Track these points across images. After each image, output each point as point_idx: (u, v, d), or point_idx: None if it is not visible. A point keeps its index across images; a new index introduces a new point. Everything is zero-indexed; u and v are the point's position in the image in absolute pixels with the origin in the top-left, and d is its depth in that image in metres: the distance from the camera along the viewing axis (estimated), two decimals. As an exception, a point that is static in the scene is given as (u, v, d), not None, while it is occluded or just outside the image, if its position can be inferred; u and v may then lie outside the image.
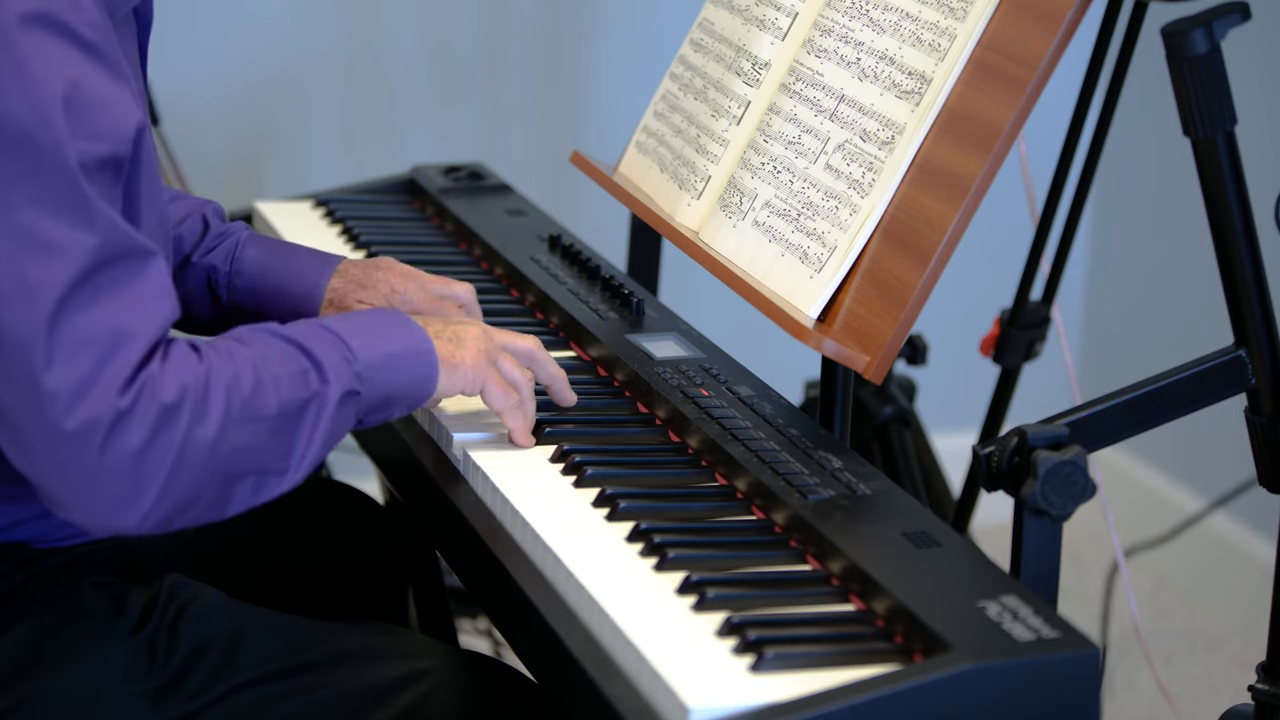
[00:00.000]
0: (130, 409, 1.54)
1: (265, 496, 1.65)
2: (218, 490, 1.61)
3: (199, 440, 1.58)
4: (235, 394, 1.60)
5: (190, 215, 2.02)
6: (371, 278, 1.99)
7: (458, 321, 1.79)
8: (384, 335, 1.72)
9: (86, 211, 1.55)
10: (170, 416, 1.56)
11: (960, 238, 1.77)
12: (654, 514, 1.69)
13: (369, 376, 1.69)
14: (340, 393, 1.66)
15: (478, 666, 1.80)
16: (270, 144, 3.32)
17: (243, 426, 1.60)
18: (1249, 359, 1.91)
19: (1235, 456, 2.40)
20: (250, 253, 2.00)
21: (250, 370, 1.63)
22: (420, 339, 1.74)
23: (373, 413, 1.72)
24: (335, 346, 1.68)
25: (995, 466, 1.67)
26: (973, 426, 2.93)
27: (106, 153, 1.58)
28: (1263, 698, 1.97)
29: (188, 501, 1.59)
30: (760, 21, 2.03)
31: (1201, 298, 2.83)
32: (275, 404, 1.63)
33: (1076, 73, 2.43)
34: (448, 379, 1.76)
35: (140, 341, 1.56)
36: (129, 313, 1.56)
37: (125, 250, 1.57)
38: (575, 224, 2.65)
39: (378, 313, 1.75)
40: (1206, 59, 1.84)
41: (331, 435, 1.67)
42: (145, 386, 1.55)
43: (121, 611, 1.75)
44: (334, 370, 1.67)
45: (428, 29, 3.33)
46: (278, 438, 1.63)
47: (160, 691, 1.72)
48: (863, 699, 1.41)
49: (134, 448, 1.54)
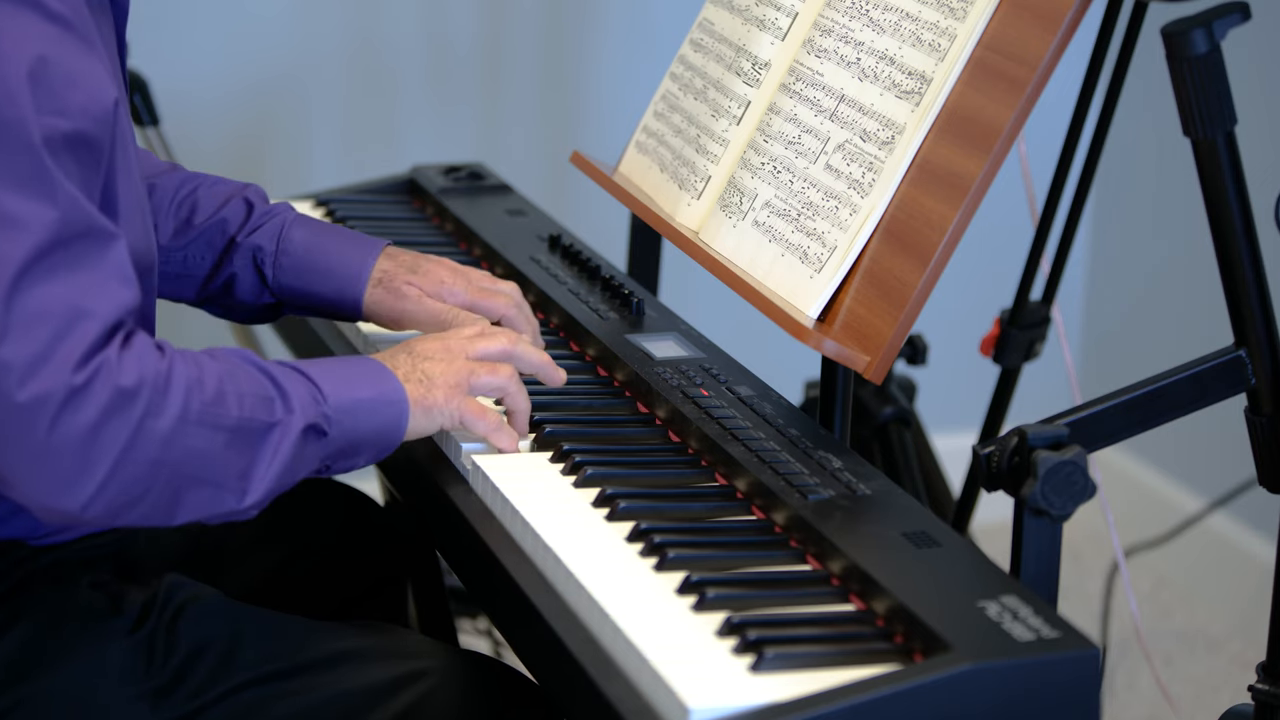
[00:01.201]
0: (84, 387, 1.52)
1: (217, 512, 1.63)
2: (166, 491, 1.59)
3: (152, 432, 1.56)
4: (195, 395, 1.59)
5: (233, 198, 2.02)
6: (422, 266, 1.98)
7: (426, 355, 1.77)
8: (356, 381, 1.71)
9: (48, 187, 1.54)
10: (125, 401, 1.54)
11: (960, 238, 1.77)
12: (654, 514, 1.69)
13: (337, 420, 1.68)
14: (304, 425, 1.64)
15: (478, 666, 1.80)
16: (270, 144, 3.32)
17: (199, 430, 1.59)
18: (1249, 359, 1.91)
19: (1235, 456, 2.40)
20: (297, 233, 2.00)
21: (215, 379, 1.61)
22: (393, 387, 1.72)
23: (339, 459, 1.70)
24: (304, 385, 1.67)
25: (995, 466, 1.67)
26: (973, 426, 2.93)
27: (72, 129, 1.56)
28: (1263, 698, 1.97)
29: (134, 496, 1.57)
30: (760, 21, 2.03)
31: (1201, 298, 2.83)
32: (235, 416, 1.61)
33: (1076, 73, 2.43)
34: (423, 421, 1.74)
35: (96, 321, 1.54)
36: (87, 292, 1.55)
37: (86, 229, 1.56)
38: (575, 224, 2.65)
39: (351, 359, 1.74)
40: (1206, 59, 1.84)
41: (291, 468, 1.65)
42: (102, 368, 1.53)
43: (120, 611, 1.75)
44: (300, 403, 1.65)
45: (428, 29, 3.33)
46: (234, 452, 1.61)
47: (159, 692, 1.72)
48: (863, 699, 1.41)
49: (84, 427, 1.53)
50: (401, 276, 1.97)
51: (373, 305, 1.98)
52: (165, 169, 2.04)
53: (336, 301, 1.99)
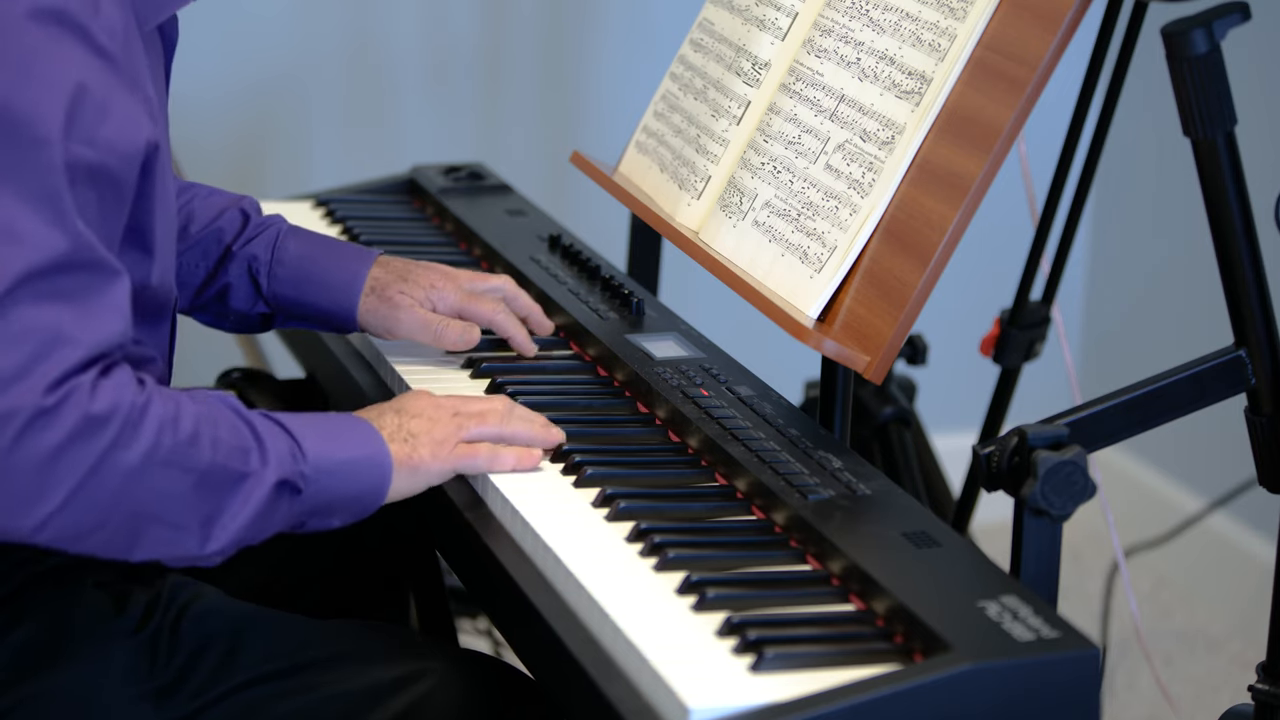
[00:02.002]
0: (53, 409, 1.52)
1: (175, 555, 1.62)
2: (126, 526, 1.58)
3: (117, 464, 1.55)
4: (168, 433, 1.58)
5: (228, 209, 2.03)
6: (413, 272, 2.00)
7: (414, 414, 1.75)
8: (339, 441, 1.69)
9: (59, 213, 1.54)
10: (93, 429, 1.54)
11: (960, 238, 1.77)
12: (654, 514, 1.69)
13: (314, 479, 1.66)
14: (277, 479, 1.63)
15: (478, 666, 1.80)
16: (270, 144, 3.32)
17: (167, 470, 1.58)
18: (1249, 359, 1.91)
19: (1235, 456, 2.40)
20: (291, 244, 2.01)
21: (192, 421, 1.60)
22: (378, 449, 1.71)
23: (313, 517, 1.69)
24: (285, 440, 1.66)
25: (995, 466, 1.67)
26: (973, 426, 2.93)
27: (97, 161, 1.57)
28: (1263, 698, 1.97)
29: (91, 525, 1.56)
30: (760, 21, 2.03)
31: (1201, 298, 2.83)
32: (208, 461, 1.60)
33: (1076, 73, 2.43)
34: (409, 480, 1.73)
35: (79, 349, 1.54)
36: (75, 321, 1.54)
37: (89, 263, 1.56)
38: (575, 224, 2.65)
39: (337, 416, 1.73)
40: (1206, 59, 1.84)
41: (259, 523, 1.64)
42: (74, 391, 1.53)
43: (123, 611, 1.75)
44: (276, 456, 1.64)
45: (428, 29, 3.33)
46: (201, 497, 1.60)
47: (162, 691, 1.72)
48: (863, 699, 1.41)
49: (47, 449, 1.52)
50: (394, 285, 1.99)
51: (366, 314, 1.99)
52: None
53: (330, 311, 2.01)
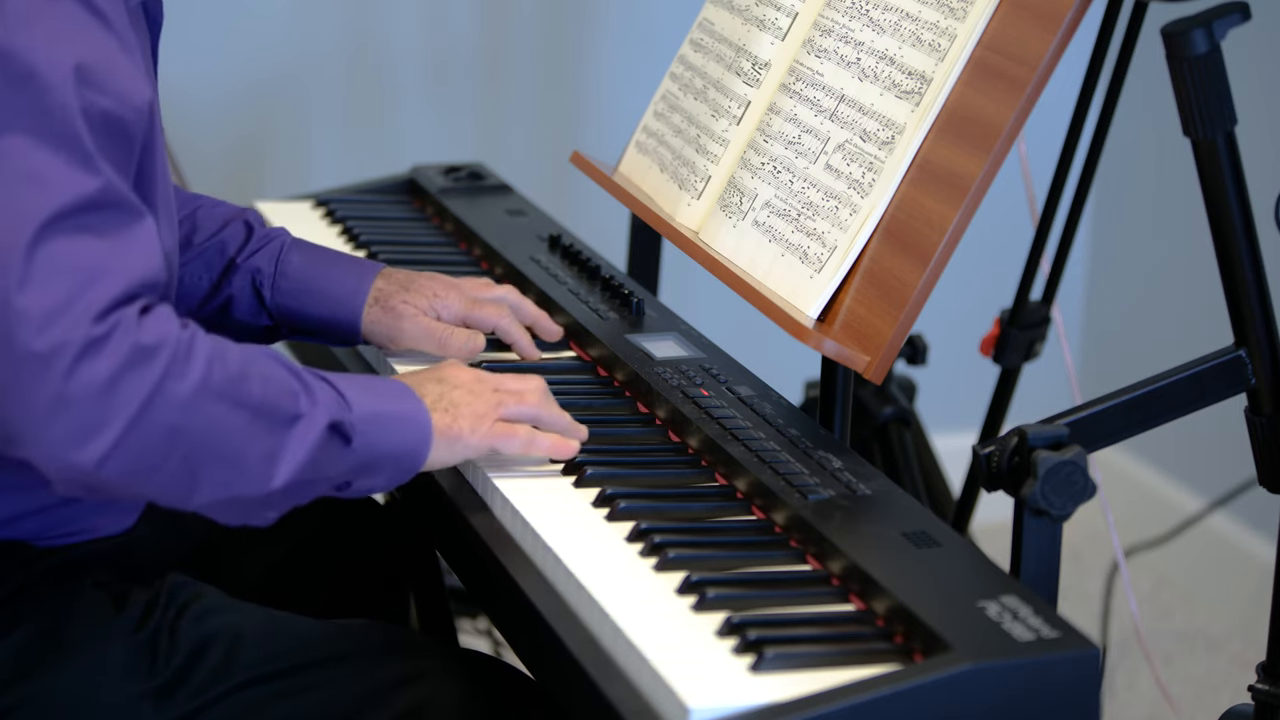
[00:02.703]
0: (103, 338, 1.52)
1: (235, 496, 1.61)
2: (185, 464, 1.57)
3: (172, 394, 1.55)
4: (218, 367, 1.58)
5: (232, 221, 2.04)
6: (415, 282, 2.00)
7: (453, 381, 1.76)
8: (381, 395, 1.70)
9: (85, 156, 1.55)
10: (144, 357, 1.54)
11: (960, 238, 1.77)
12: (654, 514, 1.69)
13: (362, 430, 1.66)
14: (328, 421, 1.63)
15: (478, 666, 1.80)
16: (270, 144, 3.32)
17: (220, 403, 1.58)
18: (1249, 359, 1.91)
19: (1235, 456, 2.40)
20: (295, 256, 2.02)
21: (239, 358, 1.61)
22: (418, 407, 1.71)
23: (359, 474, 1.68)
24: (329, 389, 1.66)
25: (995, 466, 1.67)
26: (973, 426, 2.93)
27: (113, 108, 1.58)
28: (1263, 698, 1.97)
29: (150, 461, 1.56)
30: (760, 21, 2.03)
31: (1201, 298, 2.83)
32: (259, 397, 1.60)
33: (1076, 73, 2.43)
34: (446, 450, 1.73)
35: (118, 281, 1.54)
36: (110, 255, 1.55)
37: (117, 201, 1.57)
38: (575, 224, 2.65)
39: (376, 378, 1.73)
40: (1206, 59, 1.84)
41: (312, 467, 1.63)
42: (121, 323, 1.53)
43: (122, 611, 1.75)
44: (325, 400, 1.64)
45: (428, 29, 3.33)
46: (257, 432, 1.60)
47: (161, 691, 1.72)
48: (863, 699, 1.41)
49: (102, 378, 1.52)
50: (397, 295, 1.99)
51: (370, 325, 2.00)
52: None
53: (334, 323, 2.01)
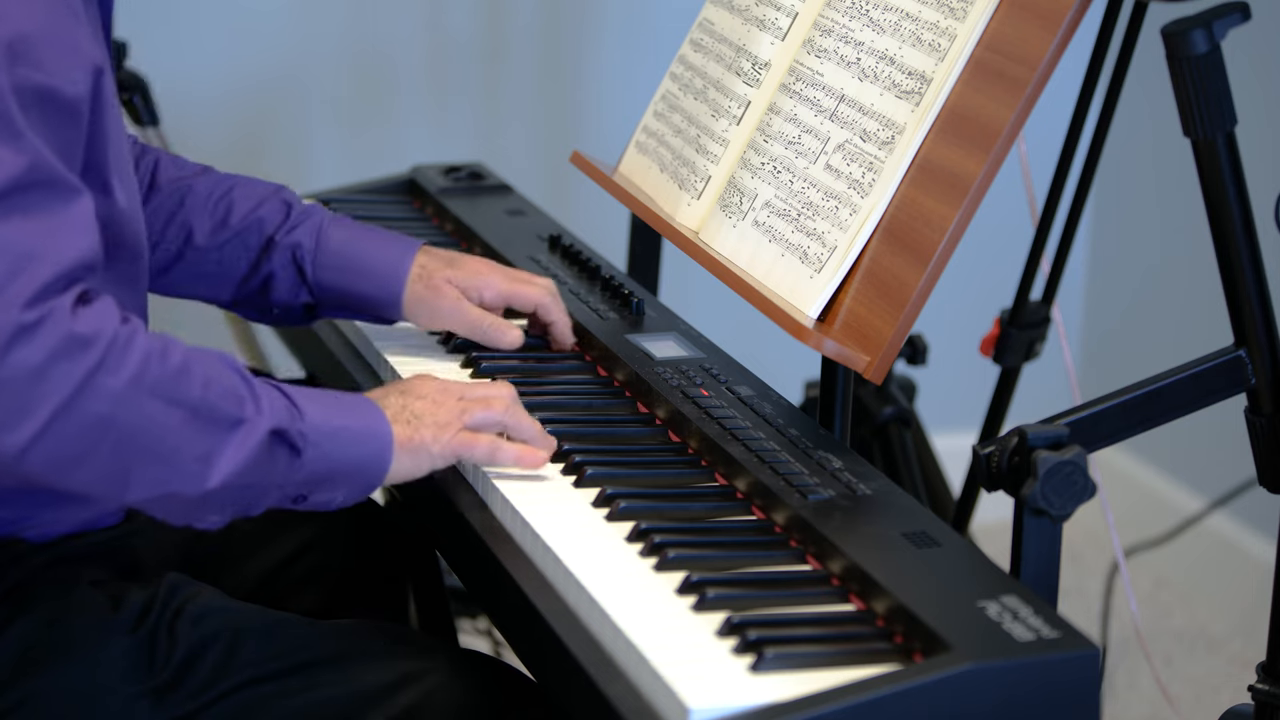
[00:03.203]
0: (34, 326, 1.51)
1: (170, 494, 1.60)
2: (114, 458, 1.56)
3: (102, 388, 1.54)
4: (155, 363, 1.57)
5: (269, 198, 2.03)
6: (459, 259, 2.01)
7: (418, 395, 1.75)
8: (338, 410, 1.69)
9: (14, 134, 1.54)
10: (77, 347, 1.53)
11: (960, 238, 1.77)
12: (654, 514, 1.69)
13: (315, 442, 1.65)
14: (270, 427, 1.62)
15: (478, 666, 1.80)
16: (270, 143, 3.32)
17: (155, 399, 1.56)
18: (1249, 359, 1.91)
19: (1235, 456, 2.39)
20: (336, 231, 2.01)
21: (181, 356, 1.60)
22: (379, 421, 1.70)
23: (315, 488, 1.67)
24: (280, 399, 1.65)
25: (995, 466, 1.67)
26: (973, 426, 2.92)
27: (45, 83, 1.56)
28: (1263, 698, 1.97)
29: (75, 453, 1.55)
30: (760, 21, 2.03)
31: (1201, 298, 2.83)
32: (198, 397, 1.59)
33: (1076, 73, 2.43)
34: (410, 462, 1.72)
35: (48, 265, 1.53)
36: (40, 238, 1.54)
37: (49, 180, 1.56)
38: (575, 224, 2.65)
39: (339, 392, 1.73)
40: (1206, 59, 1.84)
41: (254, 472, 1.62)
42: (54, 312, 1.52)
43: (119, 610, 1.75)
44: (271, 408, 1.63)
45: (428, 29, 3.33)
46: (194, 432, 1.58)
47: (160, 690, 1.72)
48: (863, 699, 1.41)
49: (29, 367, 1.51)
50: (440, 272, 1.99)
51: (412, 301, 1.99)
52: (198, 171, 2.05)
53: (376, 298, 2.00)
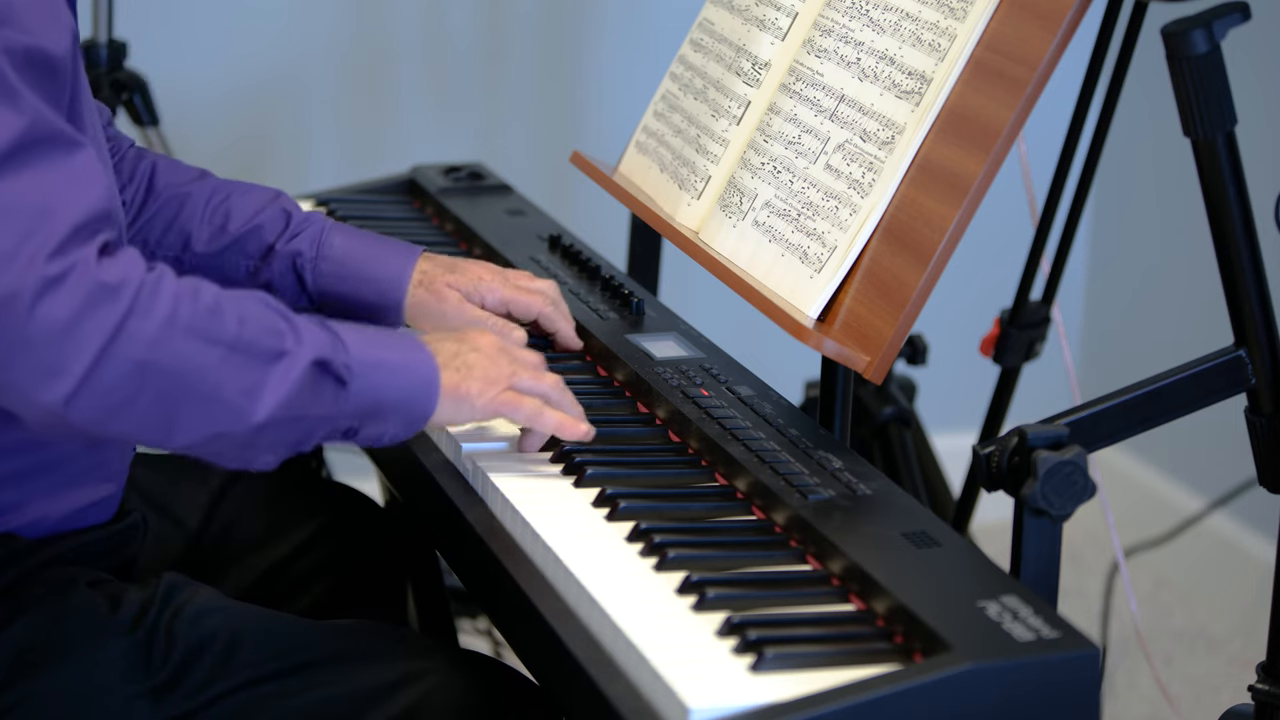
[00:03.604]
0: (59, 278, 1.52)
1: (219, 433, 1.60)
2: (158, 403, 1.57)
3: (136, 333, 1.55)
4: (186, 305, 1.58)
5: (267, 205, 2.02)
6: (460, 265, 2.00)
7: (472, 344, 1.76)
8: (384, 344, 1.69)
9: (11, 94, 1.54)
10: (106, 296, 1.54)
11: (960, 238, 1.77)
12: (654, 514, 1.69)
13: (360, 374, 1.65)
14: (312, 358, 1.62)
15: (478, 667, 1.80)
16: (270, 143, 3.32)
17: (190, 339, 1.57)
18: (1249, 359, 1.91)
19: (1235, 456, 2.40)
20: (337, 238, 2.01)
21: (212, 296, 1.60)
22: (424, 358, 1.71)
23: (366, 420, 1.68)
24: (323, 331, 1.65)
25: (995, 466, 1.67)
26: (973, 426, 2.93)
27: (33, 44, 1.56)
28: (1263, 698, 1.97)
29: (119, 400, 1.55)
30: (760, 21, 2.03)
31: (1201, 298, 2.83)
32: (233, 333, 1.59)
33: (1076, 73, 2.43)
34: (452, 409, 1.72)
35: (63, 219, 1.54)
36: (52, 192, 1.55)
37: (51, 135, 1.56)
38: (575, 224, 2.65)
39: (381, 328, 1.73)
40: (1206, 59, 1.84)
41: (300, 402, 1.62)
42: (79, 263, 1.53)
43: (116, 610, 1.75)
44: (312, 339, 1.63)
45: (428, 28, 3.33)
46: (234, 368, 1.59)
47: (158, 690, 1.72)
48: (863, 699, 1.41)
49: (62, 319, 1.52)
50: (441, 278, 1.98)
51: (414, 306, 1.99)
52: (195, 176, 2.05)
53: (378, 305, 2.00)
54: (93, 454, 1.77)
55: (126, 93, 2.82)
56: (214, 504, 2.05)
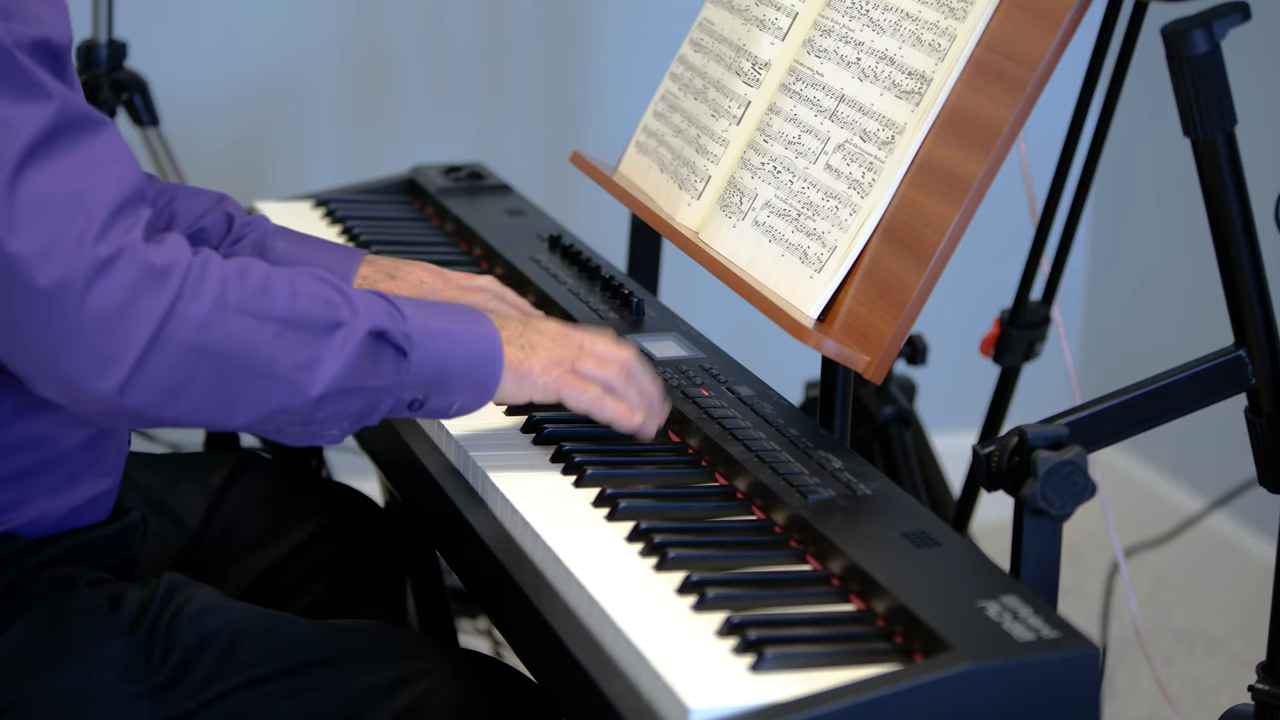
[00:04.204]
0: (110, 261, 1.52)
1: (279, 408, 1.60)
2: (214, 383, 1.57)
3: (186, 316, 1.55)
4: (234, 284, 1.58)
5: (210, 210, 2.03)
6: (400, 269, 2.00)
7: (538, 327, 1.75)
8: (444, 314, 1.69)
9: (30, 85, 1.55)
10: (155, 280, 1.53)
11: (960, 238, 1.77)
12: (654, 514, 1.69)
13: (421, 344, 1.65)
14: (369, 327, 1.62)
15: (477, 667, 1.80)
16: (270, 144, 3.32)
17: (240, 318, 1.57)
18: (1249, 359, 1.91)
19: (1235, 456, 2.40)
20: (279, 245, 2.02)
21: (261, 274, 1.60)
22: (486, 328, 1.70)
23: (432, 392, 1.67)
24: (380, 301, 1.65)
25: (995, 466, 1.67)
26: (973, 426, 2.93)
27: (39, 34, 1.57)
28: (1263, 698, 1.97)
29: (175, 383, 1.55)
30: (760, 21, 2.03)
31: (1201, 298, 2.83)
32: (286, 309, 1.59)
33: (1076, 73, 2.43)
34: (514, 385, 1.72)
35: (105, 199, 1.54)
36: (88, 174, 1.55)
37: (76, 118, 1.56)
38: (575, 224, 2.65)
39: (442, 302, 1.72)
40: (1206, 59, 1.84)
41: (359, 373, 1.61)
42: (127, 246, 1.53)
43: (116, 611, 1.75)
44: (368, 308, 1.63)
45: (428, 28, 3.33)
46: (289, 343, 1.59)
47: (158, 690, 1.72)
48: (863, 699, 1.41)
49: (113, 304, 1.52)
50: (382, 284, 1.99)
51: None
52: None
53: None
54: (91, 449, 1.77)
55: (126, 93, 2.82)
56: (214, 504, 2.05)
